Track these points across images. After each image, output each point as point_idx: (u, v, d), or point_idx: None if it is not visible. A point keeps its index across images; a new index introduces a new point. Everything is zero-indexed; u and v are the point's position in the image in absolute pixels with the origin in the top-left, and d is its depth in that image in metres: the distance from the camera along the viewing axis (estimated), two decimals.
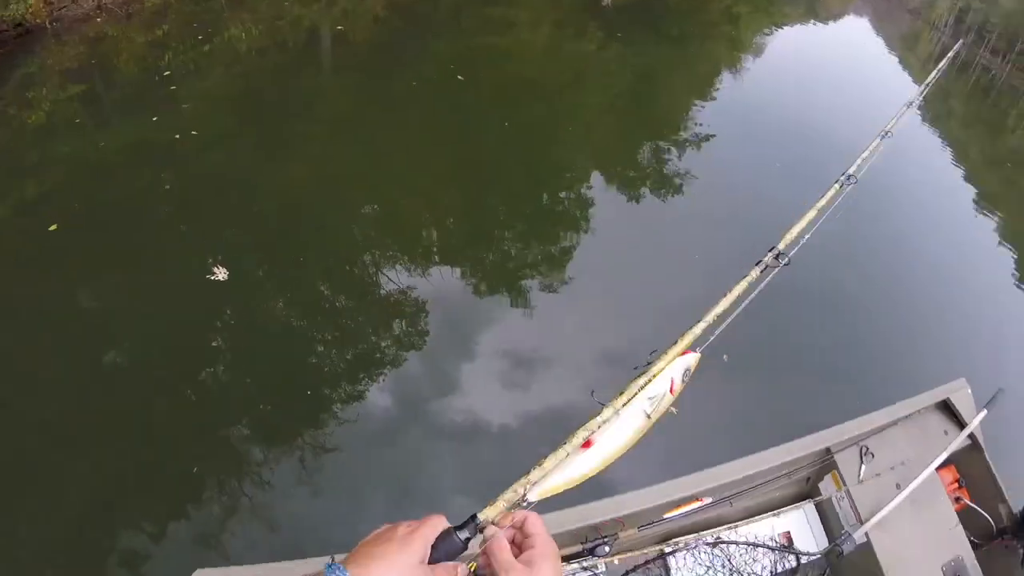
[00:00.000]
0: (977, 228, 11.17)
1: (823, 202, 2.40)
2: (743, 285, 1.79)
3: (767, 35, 15.99)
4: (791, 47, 15.99)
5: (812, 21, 21.22)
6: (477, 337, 5.23)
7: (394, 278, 5.57)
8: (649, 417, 1.17)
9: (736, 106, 10.61)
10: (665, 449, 3.81)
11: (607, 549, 2.47)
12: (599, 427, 1.08)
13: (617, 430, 1.12)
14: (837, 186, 2.59)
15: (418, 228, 6.30)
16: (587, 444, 1.06)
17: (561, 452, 1.02)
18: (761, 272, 1.89)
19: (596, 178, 7.54)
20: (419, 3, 11.19)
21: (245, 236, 5.56)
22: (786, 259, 1.94)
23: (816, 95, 11.14)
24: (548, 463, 1.00)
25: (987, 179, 14.50)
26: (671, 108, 10.16)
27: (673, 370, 1.36)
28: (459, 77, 8.51)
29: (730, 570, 2.79)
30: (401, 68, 8.67)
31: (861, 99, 10.98)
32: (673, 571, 2.73)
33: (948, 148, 15.14)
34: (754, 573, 2.81)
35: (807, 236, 2.27)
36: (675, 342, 1.42)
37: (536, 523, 0.82)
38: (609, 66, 10.98)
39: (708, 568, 2.77)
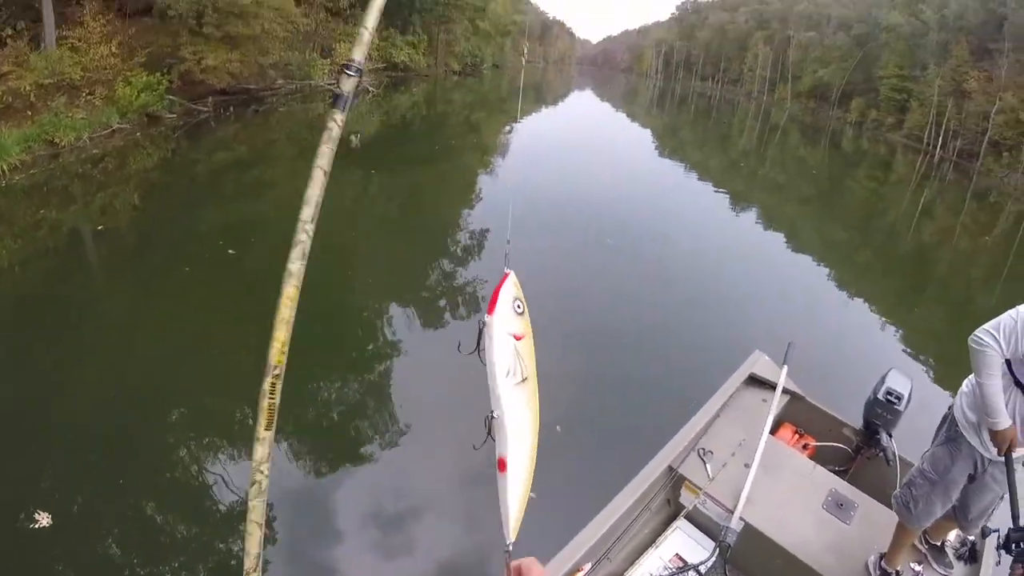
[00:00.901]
0: (741, 223, 12.75)
1: None
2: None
3: (507, 132, 17.76)
4: (530, 134, 17.71)
5: (542, 107, 24.03)
6: (337, 504, 5.20)
7: (227, 477, 5.49)
8: (526, 379, 1.13)
9: (494, 197, 11.43)
10: (543, 527, 3.98)
11: None
12: (491, 434, 1.08)
13: (511, 424, 1.10)
14: None
15: (235, 416, 6.21)
16: (502, 465, 1.08)
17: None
18: None
19: (394, 307, 7.56)
20: (173, 183, 10.94)
21: (58, 471, 5.35)
22: None
23: (571, 168, 12.64)
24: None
25: (731, 182, 16.81)
26: (445, 214, 10.81)
27: (505, 324, 1.10)
28: (230, 251, 8.13)
29: None
30: (171, 255, 8.29)
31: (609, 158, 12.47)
32: None
33: (692, 171, 17.46)
34: None
35: None
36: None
37: (531, 569, 0.90)
38: (374, 200, 11.40)
39: None
